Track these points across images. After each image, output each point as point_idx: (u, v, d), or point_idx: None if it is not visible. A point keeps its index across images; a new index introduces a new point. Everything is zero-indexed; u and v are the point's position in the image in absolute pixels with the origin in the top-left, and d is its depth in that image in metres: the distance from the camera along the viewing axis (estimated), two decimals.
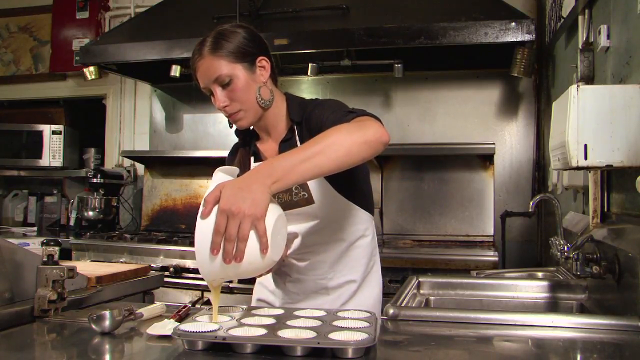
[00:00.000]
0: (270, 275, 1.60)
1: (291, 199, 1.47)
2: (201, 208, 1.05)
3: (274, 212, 1.09)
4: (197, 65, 1.40)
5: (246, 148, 1.59)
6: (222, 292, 1.22)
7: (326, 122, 1.34)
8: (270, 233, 1.06)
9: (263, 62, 1.44)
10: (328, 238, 1.51)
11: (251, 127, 1.56)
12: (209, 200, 1.05)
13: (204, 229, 1.03)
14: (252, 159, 1.57)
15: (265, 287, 1.64)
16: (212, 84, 1.40)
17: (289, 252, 1.54)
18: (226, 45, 1.38)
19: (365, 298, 1.56)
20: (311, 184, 1.46)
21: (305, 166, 1.12)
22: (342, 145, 1.16)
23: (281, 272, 1.59)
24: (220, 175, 1.13)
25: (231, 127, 1.52)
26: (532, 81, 3.27)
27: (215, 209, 1.03)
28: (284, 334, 0.98)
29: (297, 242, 1.53)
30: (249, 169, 1.54)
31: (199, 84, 1.43)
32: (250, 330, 1.01)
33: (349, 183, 1.50)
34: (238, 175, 1.15)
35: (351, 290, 1.55)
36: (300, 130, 1.49)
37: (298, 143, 1.47)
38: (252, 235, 1.04)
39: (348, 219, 1.53)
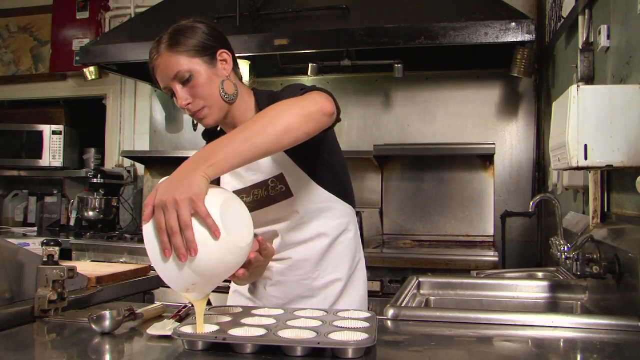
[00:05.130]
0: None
1: (267, 194, 1.39)
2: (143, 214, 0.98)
3: (219, 194, 1.02)
4: (155, 65, 1.33)
5: None
6: (218, 291, 1.11)
7: None
8: (219, 214, 0.97)
9: (224, 55, 1.36)
10: (310, 234, 1.42)
11: (218, 128, 1.48)
12: (147, 203, 0.99)
13: (149, 234, 0.96)
14: None
15: (241, 294, 1.52)
16: (171, 81, 1.31)
17: None
18: (183, 40, 1.32)
19: (353, 297, 1.48)
20: (288, 177, 1.37)
21: (244, 147, 1.06)
22: (279, 120, 1.10)
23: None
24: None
25: (195, 129, 1.44)
26: (532, 81, 3.27)
27: None
28: (284, 334, 0.98)
29: (277, 242, 1.44)
30: None
31: (159, 85, 1.35)
32: (250, 330, 1.00)
33: (328, 174, 1.43)
34: None
35: (337, 290, 1.46)
36: None
37: None
38: (199, 223, 0.96)
39: (330, 211, 1.44)
